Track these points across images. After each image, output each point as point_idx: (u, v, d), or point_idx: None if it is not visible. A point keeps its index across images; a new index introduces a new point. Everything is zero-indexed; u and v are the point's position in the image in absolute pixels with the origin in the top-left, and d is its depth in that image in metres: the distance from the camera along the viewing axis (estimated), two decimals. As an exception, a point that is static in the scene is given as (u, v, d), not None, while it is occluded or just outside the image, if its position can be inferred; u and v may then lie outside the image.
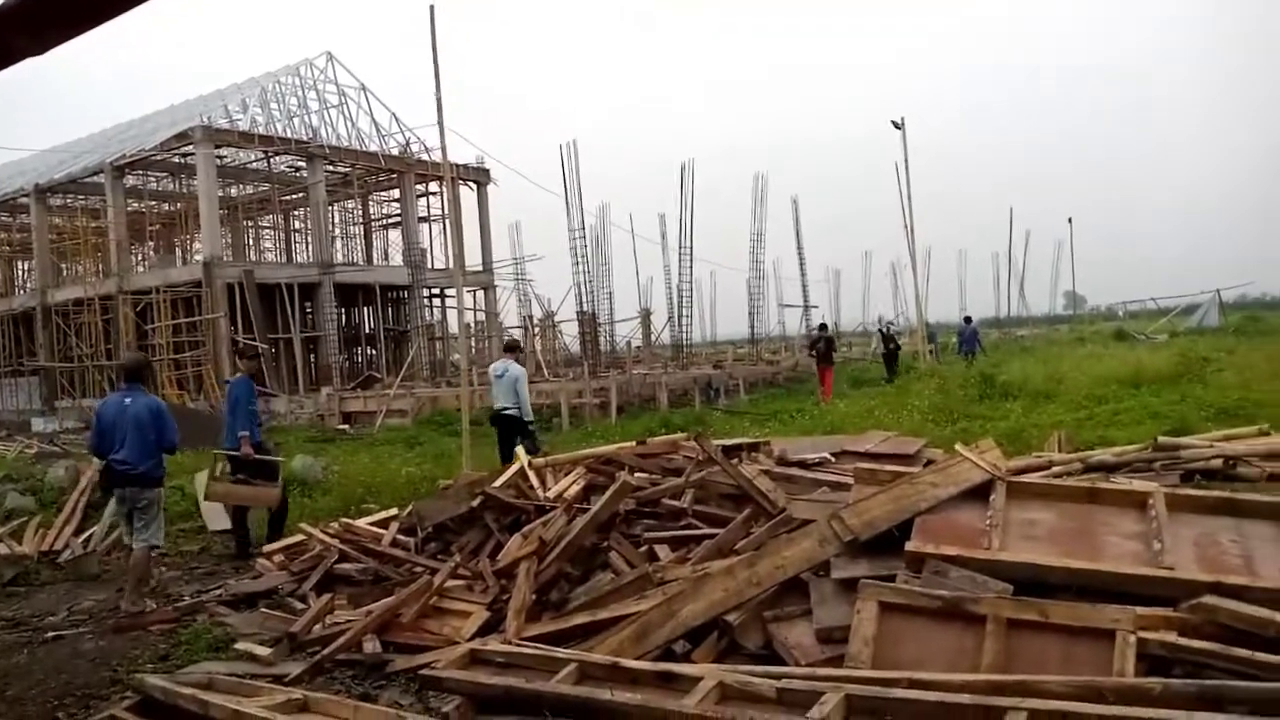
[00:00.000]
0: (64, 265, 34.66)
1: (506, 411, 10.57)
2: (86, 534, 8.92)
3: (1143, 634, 3.16)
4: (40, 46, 1.26)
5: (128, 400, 6.63)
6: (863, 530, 4.10)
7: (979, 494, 4.23)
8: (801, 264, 36.95)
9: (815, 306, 40.80)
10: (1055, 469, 6.39)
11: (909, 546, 3.86)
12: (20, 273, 39.61)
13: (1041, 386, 15.24)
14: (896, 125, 25.91)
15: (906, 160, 25.31)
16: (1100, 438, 9.66)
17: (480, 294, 36.21)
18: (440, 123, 11.97)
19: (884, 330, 26.96)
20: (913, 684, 3.10)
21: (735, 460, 6.10)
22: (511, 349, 11.78)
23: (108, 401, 6.96)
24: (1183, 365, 14.80)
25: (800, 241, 36.49)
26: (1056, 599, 3.40)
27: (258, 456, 8.33)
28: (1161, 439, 6.72)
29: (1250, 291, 53.56)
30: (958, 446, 4.78)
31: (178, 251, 36.61)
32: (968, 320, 29.25)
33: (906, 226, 25.95)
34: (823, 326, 24.90)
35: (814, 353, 21.39)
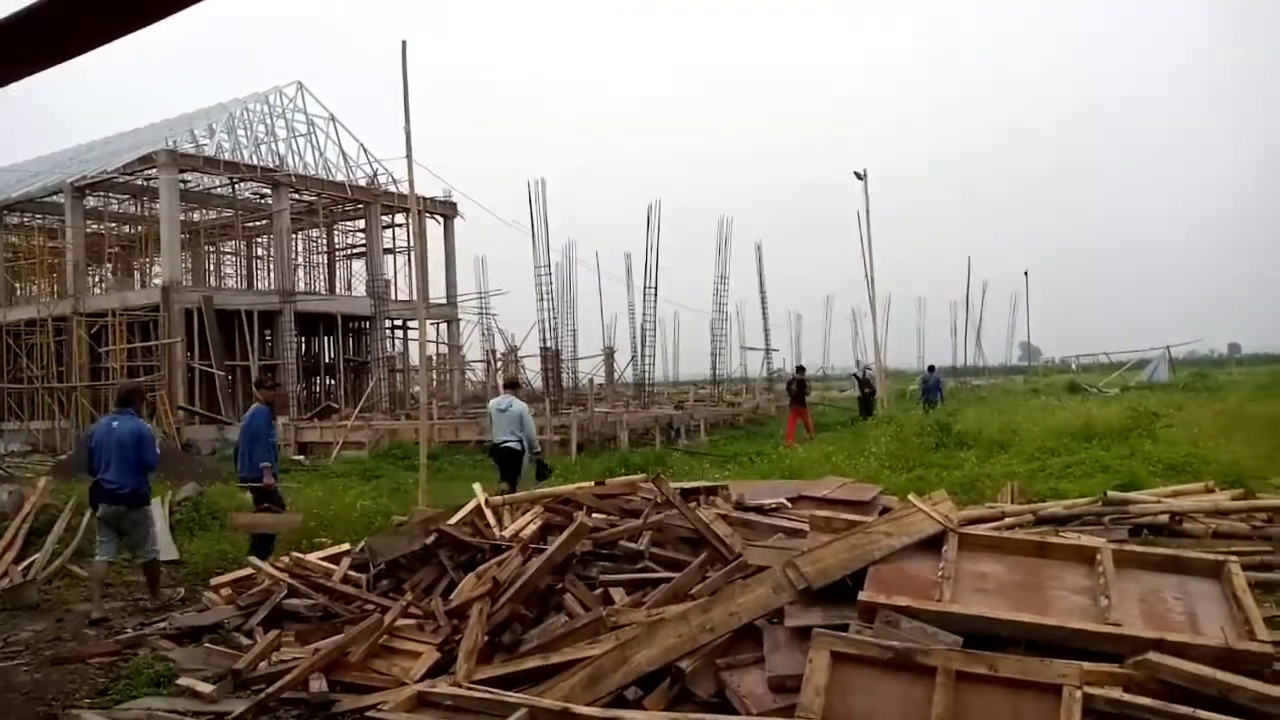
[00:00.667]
0: (18, 285, 34.00)
1: (507, 444, 10.92)
2: (27, 561, 8.67)
3: (1089, 689, 3.21)
4: (8, 77, 1.27)
5: (115, 424, 7.34)
6: (817, 578, 4.12)
7: (932, 544, 4.27)
8: (764, 307, 37.30)
9: (776, 350, 41.20)
10: (1008, 520, 6.50)
11: (862, 596, 3.88)
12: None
13: (996, 436, 15.44)
14: (859, 176, 26.43)
15: (868, 209, 25.79)
16: (1052, 489, 9.81)
17: (444, 327, 36.08)
18: (409, 156, 11.98)
19: (860, 375, 27.30)
20: (862, 735, 3.11)
21: (694, 504, 6.11)
22: (512, 385, 12.48)
23: (99, 424, 7.77)
24: (1133, 420, 15.08)
25: (763, 285, 36.85)
26: (1006, 652, 3.44)
27: (263, 486, 8.38)
28: (1111, 494, 6.88)
29: (1199, 349, 54.95)
30: (911, 497, 4.83)
31: (136, 275, 36.15)
32: (931, 369, 29.65)
33: (867, 275, 26.36)
34: (799, 369, 25.26)
35: (788, 392, 22.24)
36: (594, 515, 6.41)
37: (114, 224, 35.58)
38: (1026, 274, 49.83)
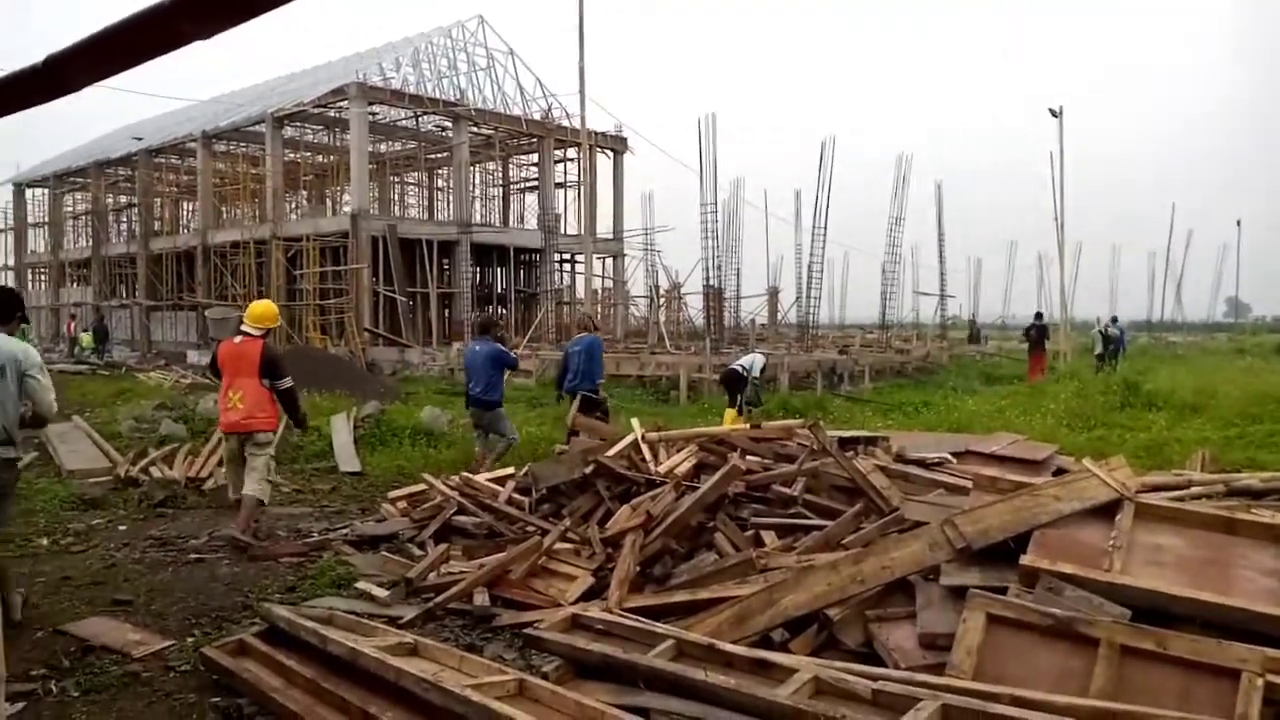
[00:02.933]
0: (224, 209, 36.82)
1: (737, 368, 13.52)
2: (230, 465, 9.52)
3: (1272, 678, 2.98)
4: (206, 32, 1.34)
5: (477, 347, 9.33)
6: (976, 538, 3.99)
7: (1104, 513, 4.05)
8: (941, 251, 35.80)
9: (953, 296, 39.58)
10: (1194, 490, 6.06)
11: (1024, 560, 3.73)
12: (185, 213, 42.25)
13: (1190, 398, 14.38)
14: (1054, 113, 24.79)
15: (1062, 149, 24.22)
16: (1249, 460, 9.09)
17: (610, 261, 36.62)
18: (581, 91, 12.15)
19: (1104, 331, 26.20)
20: (1015, 701, 3.02)
21: (851, 454, 6.02)
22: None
23: (468, 348, 10.21)
24: (1354, 389, 13.70)
25: (941, 228, 35.35)
26: (1179, 630, 3.24)
27: (596, 398, 9.93)
28: (1317, 469, 6.28)
29: None
30: (1085, 461, 4.58)
31: (328, 202, 38.39)
32: (1113, 320, 27.85)
33: (1057, 219, 24.90)
34: (1039, 315, 25.18)
35: (1027, 338, 24.23)
36: (748, 458, 6.42)
37: (309, 153, 37.83)
38: (1239, 223, 45.75)
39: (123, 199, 43.77)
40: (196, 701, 3.95)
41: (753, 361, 14.01)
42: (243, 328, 7.11)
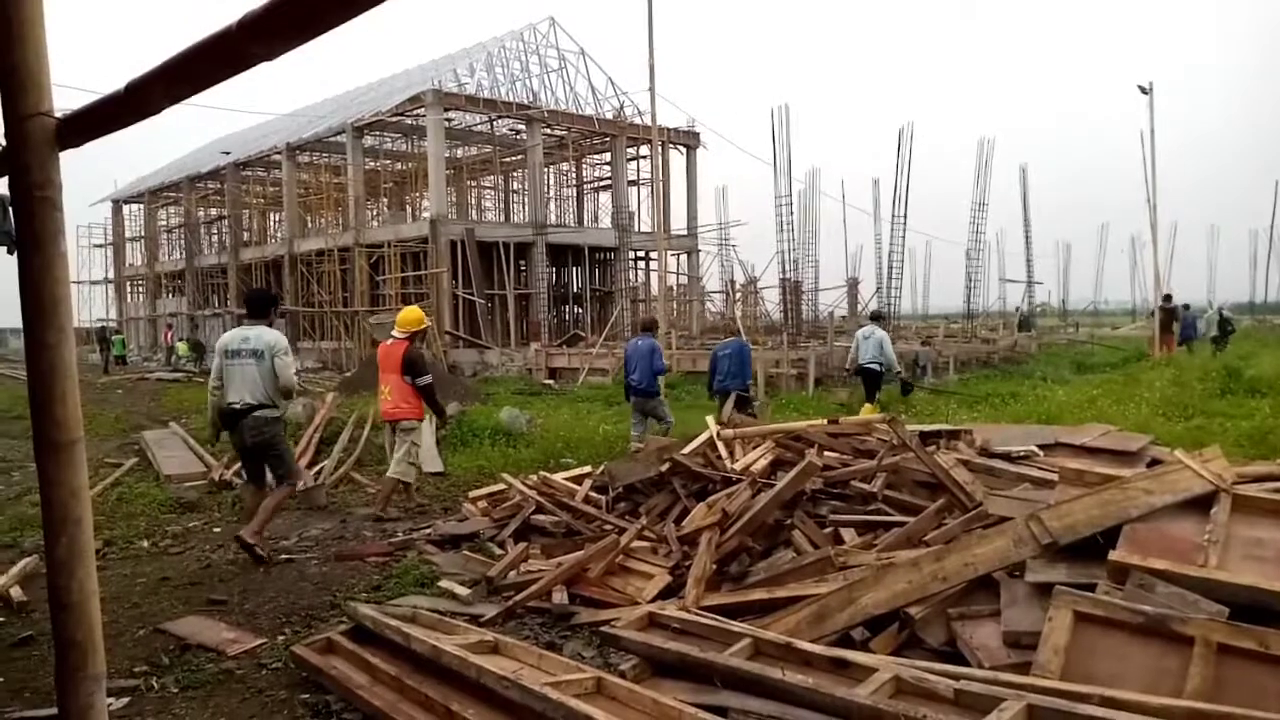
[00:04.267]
0: (308, 218, 37.91)
1: (871, 364, 13.28)
2: (318, 467, 9.83)
3: (1384, 679, 2.83)
4: (270, 54, 1.39)
5: (640, 343, 10.55)
6: (1063, 534, 3.87)
7: (1199, 506, 3.88)
8: (1027, 236, 34.90)
9: (1040, 283, 38.52)
10: (1300, 481, 5.77)
11: (1113, 555, 3.61)
12: (272, 224, 43.66)
13: (1296, 384, 13.71)
14: (1144, 90, 23.83)
15: (1153, 128, 23.27)
16: (1362, 448, 8.61)
17: (684, 257, 36.58)
18: (652, 88, 12.15)
19: (1222, 314, 25.58)
20: (1105, 701, 2.92)
21: (932, 448, 5.90)
22: (877, 317, 15.39)
23: (630, 343, 11.04)
24: None
25: (1027, 212, 34.48)
26: (1281, 629, 3.09)
27: (747, 396, 10.96)
28: None
29: None
30: (1178, 452, 4.40)
31: (407, 209, 39.20)
32: (1185, 307, 26.76)
33: (1149, 200, 23.93)
34: (1167, 298, 24.57)
35: (1159, 321, 23.76)
36: (825, 454, 6.35)
37: (388, 161, 38.70)
38: (1349, 197, 43.24)
39: (213, 211, 45.48)
40: (287, 698, 4.08)
41: (882, 347, 13.28)
42: (393, 332, 8.25)
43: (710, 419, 7.65)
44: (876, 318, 15.24)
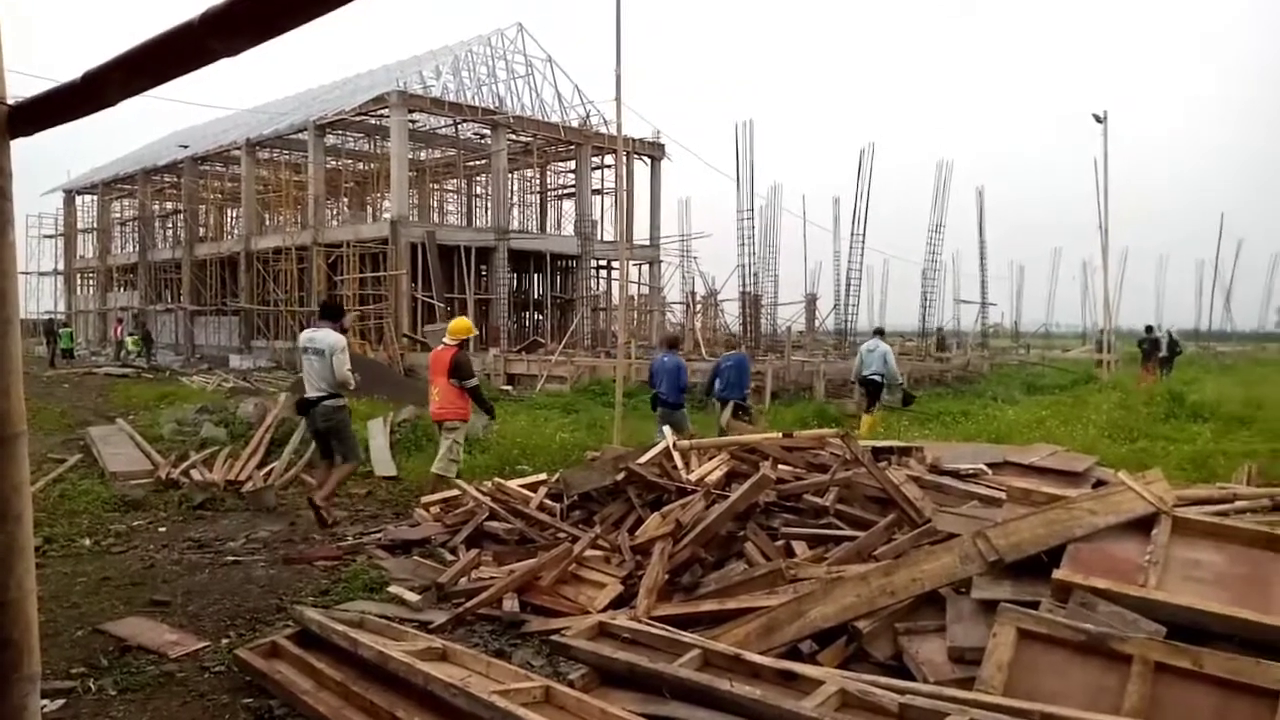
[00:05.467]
0: (266, 215, 37.41)
1: (874, 376, 14.01)
2: (268, 468, 9.68)
3: (1312, 699, 2.91)
4: (233, 49, 1.38)
5: (666, 359, 10.98)
6: (1009, 552, 3.94)
7: (1141, 527, 3.98)
8: (982, 258, 35.43)
9: (994, 304, 39.14)
10: (1239, 504, 5.93)
11: (1057, 574, 3.68)
12: (229, 220, 43.02)
13: (1237, 410, 14.08)
14: (1098, 119, 24.39)
15: (1106, 156, 23.84)
16: (1298, 474, 8.86)
17: (646, 268, 36.66)
18: (618, 97, 12.17)
19: (1170, 336, 26.97)
20: (1045, 717, 2.98)
21: (884, 464, 5.97)
22: (880, 333, 15.81)
23: (656, 359, 11.62)
24: None
25: (983, 234, 34.97)
26: (1216, 649, 3.17)
27: (744, 404, 11.76)
28: (1367, 484, 6.11)
29: None
30: (1122, 474, 4.50)
31: (368, 209, 38.85)
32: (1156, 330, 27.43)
33: (1101, 225, 24.49)
34: (1149, 329, 25.40)
35: (1141, 350, 24.68)
36: (780, 466, 6.39)
37: (349, 160, 38.33)
38: (1290, 231, 44.52)
39: (168, 205, 44.70)
40: (229, 702, 4.01)
41: (885, 359, 13.98)
42: (444, 339, 8.90)
43: (667, 429, 7.66)
44: (880, 333, 15.92)
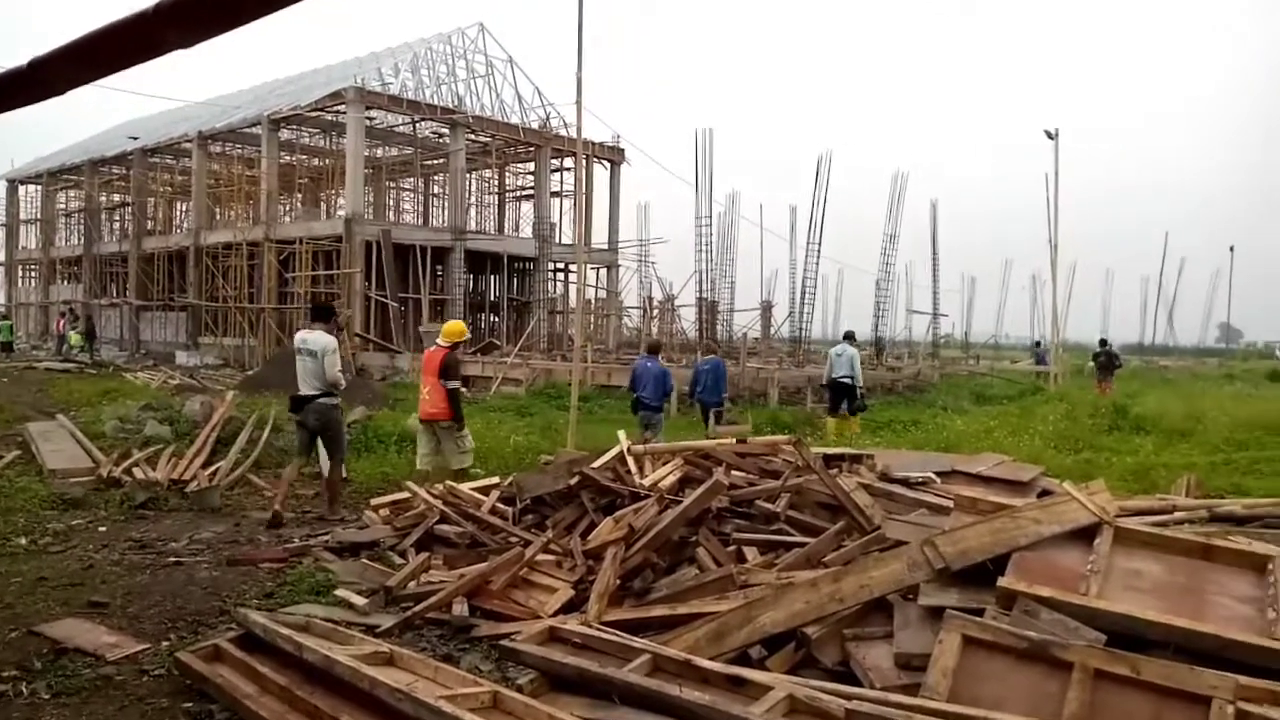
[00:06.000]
0: (217, 210, 36.74)
1: (844, 379, 14.65)
2: (214, 468, 9.50)
3: (1243, 705, 2.99)
4: (186, 41, 1.35)
5: (649, 364, 11.68)
6: (956, 559, 4.00)
7: (1084, 536, 4.06)
8: (935, 270, 35.88)
9: (945, 315, 39.68)
10: (1178, 515, 6.07)
11: (1001, 582, 3.74)
12: (179, 214, 42.18)
13: (1178, 423, 14.44)
14: (1050, 135, 24.91)
15: (1057, 171, 24.36)
16: (1235, 486, 9.13)
17: (604, 272, 36.66)
18: (579, 100, 12.14)
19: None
20: (988, 724, 3.02)
21: (835, 471, 6.02)
22: (849, 337, 16.51)
23: (639, 363, 12.12)
24: (1342, 417, 13.74)
25: (935, 246, 35.41)
26: (1153, 656, 3.25)
27: (720, 407, 12.74)
28: (1299, 497, 6.30)
29: None
30: (1066, 484, 4.59)
31: (322, 206, 38.36)
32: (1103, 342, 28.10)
33: (1050, 241, 24.99)
34: (1103, 342, 25.93)
35: (1096, 363, 25.01)
36: (733, 472, 6.42)
37: (304, 156, 37.81)
38: (1232, 249, 45.93)
39: (116, 197, 43.68)
40: (169, 706, 3.92)
41: (853, 364, 14.65)
42: (437, 340, 8.98)
43: (621, 433, 7.66)
44: (849, 337, 16.60)
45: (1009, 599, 3.68)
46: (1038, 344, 36.68)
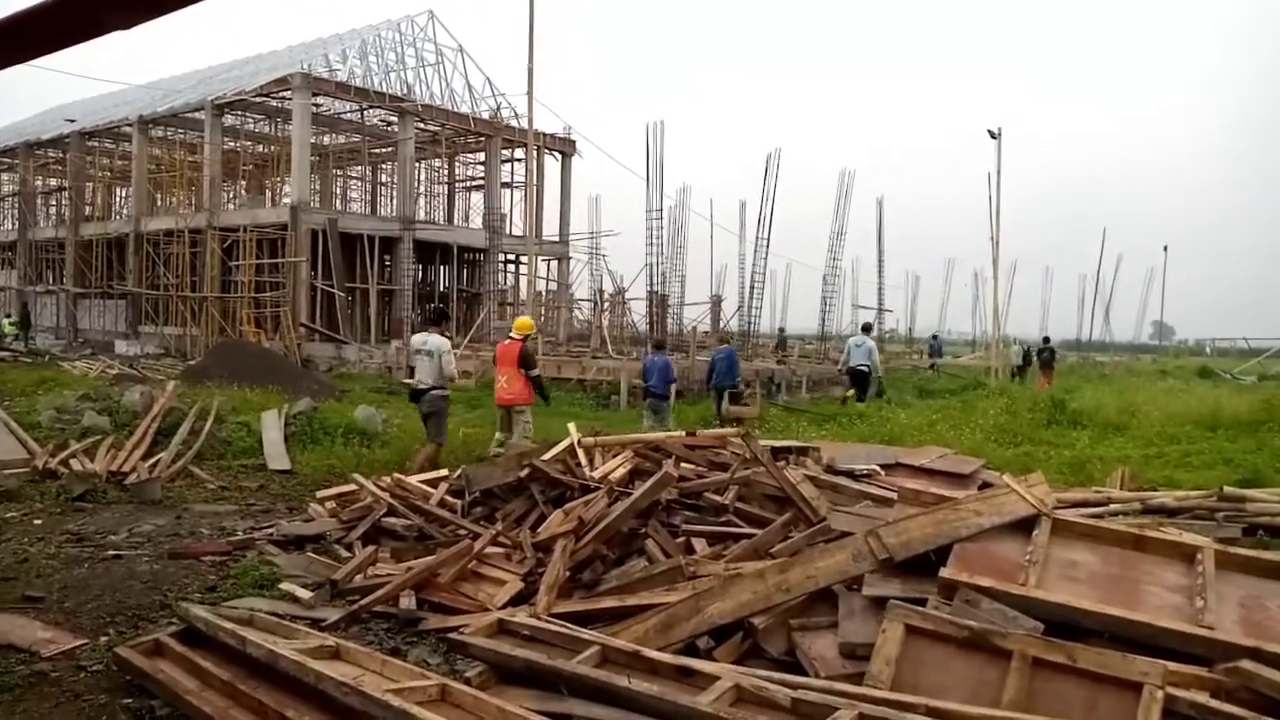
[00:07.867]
0: (159, 196, 35.84)
1: (861, 367, 16.52)
2: (154, 459, 9.29)
3: (1172, 690, 3.09)
4: (127, 22, 1.32)
5: (655, 358, 13.31)
6: (899, 550, 4.07)
7: (1023, 527, 4.16)
8: (880, 266, 36.30)
9: (890, 310, 40.21)
10: (1113, 506, 6.27)
11: (943, 573, 3.82)
12: (118, 199, 41.08)
13: (1113, 418, 14.82)
14: (993, 135, 25.38)
15: (999, 171, 24.79)
16: (1166, 478, 9.41)
17: (554, 264, 36.52)
18: (530, 91, 12.12)
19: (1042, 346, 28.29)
20: (929, 711, 3.09)
21: (783, 463, 6.09)
22: (867, 329, 18.56)
23: (647, 358, 14.02)
24: (1266, 411, 14.19)
25: (881, 243, 35.84)
26: (1089, 645, 3.35)
27: (737, 391, 14.56)
28: (1228, 489, 6.54)
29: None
30: (1006, 477, 4.70)
31: (267, 193, 37.62)
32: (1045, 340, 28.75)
33: (992, 238, 25.46)
34: (1046, 339, 27.50)
35: (1040, 359, 26.62)
36: (682, 465, 6.46)
37: (249, 142, 37.04)
38: (1166, 249, 47.17)
39: (52, 182, 42.40)
40: (107, 703, 3.84)
41: (870, 353, 16.18)
42: (510, 334, 10.41)
43: (572, 425, 7.66)
44: (866, 329, 18.58)
45: (950, 589, 3.77)
46: (935, 337, 38.44)
